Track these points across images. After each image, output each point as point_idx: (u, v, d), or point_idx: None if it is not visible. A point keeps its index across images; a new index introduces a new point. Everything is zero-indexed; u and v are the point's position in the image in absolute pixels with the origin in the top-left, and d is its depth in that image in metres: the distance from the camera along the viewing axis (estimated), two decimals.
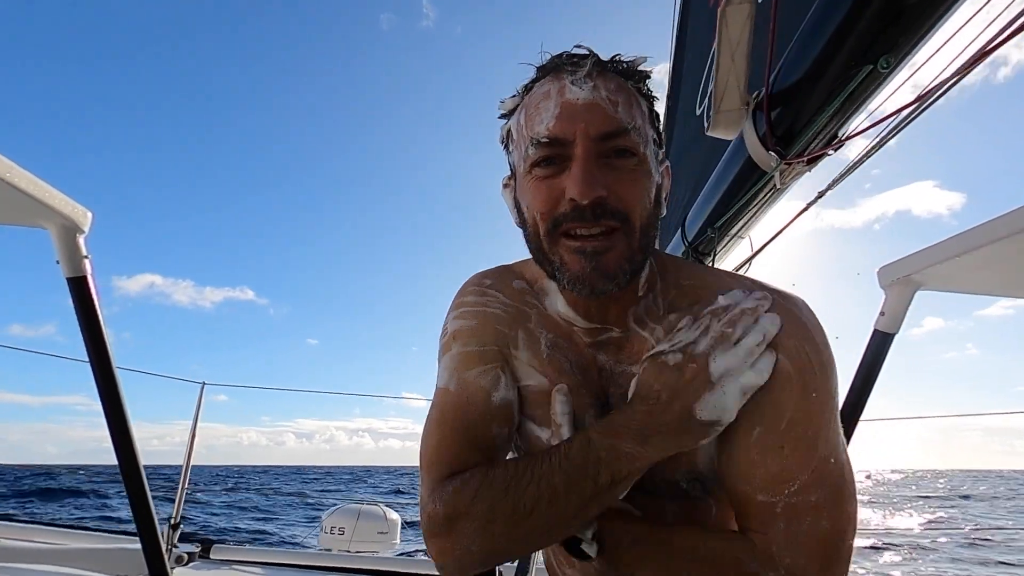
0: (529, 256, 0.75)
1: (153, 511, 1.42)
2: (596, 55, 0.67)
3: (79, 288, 1.28)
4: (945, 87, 0.72)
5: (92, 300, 1.29)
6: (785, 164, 1.16)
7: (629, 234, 0.65)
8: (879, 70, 0.87)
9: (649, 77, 0.70)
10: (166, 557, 1.49)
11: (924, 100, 0.77)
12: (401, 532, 4.30)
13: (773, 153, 1.16)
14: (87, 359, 1.33)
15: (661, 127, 0.73)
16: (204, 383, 3.04)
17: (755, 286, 0.72)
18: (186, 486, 2.87)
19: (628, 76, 0.68)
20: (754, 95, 1.15)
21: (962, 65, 0.69)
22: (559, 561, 0.88)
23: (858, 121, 1.00)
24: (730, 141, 1.33)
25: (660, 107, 0.74)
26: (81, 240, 1.25)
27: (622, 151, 0.65)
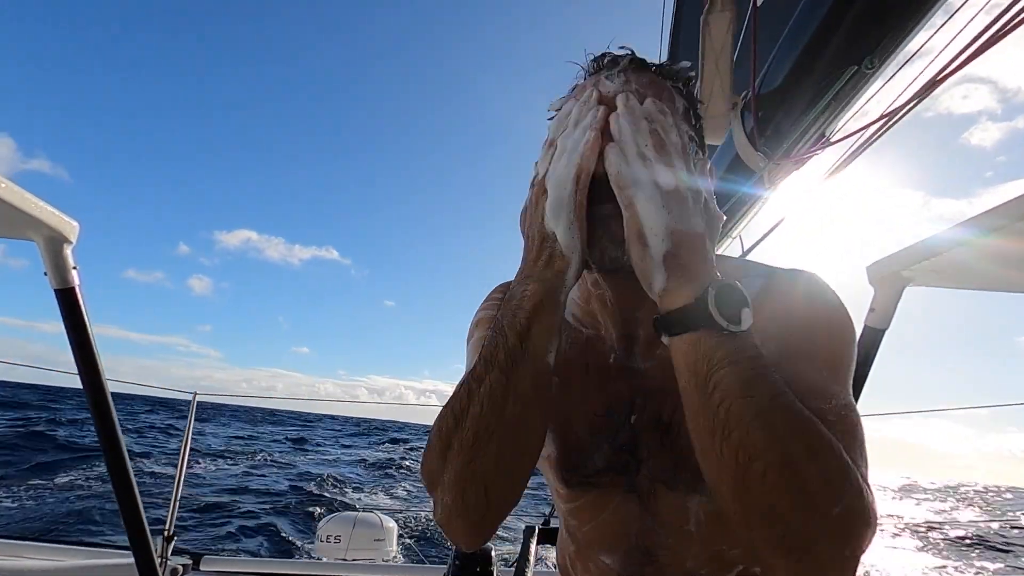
0: None
1: (146, 524, 1.40)
2: (634, 54, 0.69)
3: (67, 300, 1.26)
4: (932, 87, 0.73)
5: (81, 312, 1.28)
6: (773, 164, 1.17)
7: None
8: (864, 70, 0.88)
9: (689, 79, 0.71)
10: (160, 571, 1.47)
11: (911, 103, 0.77)
12: (397, 539, 4.28)
13: (761, 153, 1.17)
14: (76, 372, 1.31)
15: (700, 126, 0.73)
16: (196, 393, 3.02)
17: (770, 269, 0.74)
18: (179, 496, 2.84)
19: (665, 76, 0.69)
20: (742, 96, 1.16)
21: (950, 61, 0.70)
22: (575, 568, 0.87)
23: (845, 119, 1.01)
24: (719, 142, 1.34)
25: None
26: (68, 251, 1.24)
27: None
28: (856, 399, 1.35)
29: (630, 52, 0.70)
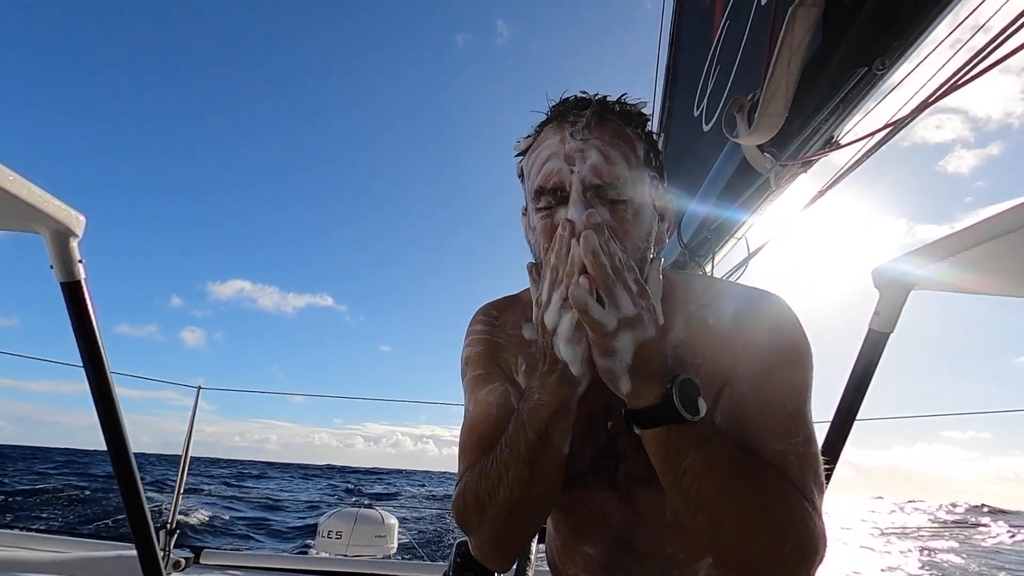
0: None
1: (148, 517, 1.41)
2: (597, 103, 0.73)
3: (73, 293, 1.27)
4: (946, 88, 0.72)
5: (86, 305, 1.28)
6: (780, 166, 1.16)
7: None
8: (874, 72, 0.88)
9: (648, 120, 0.77)
10: (162, 564, 1.48)
11: (924, 107, 0.77)
12: (398, 535, 4.29)
13: (768, 155, 1.16)
14: (81, 364, 1.32)
15: (661, 159, 0.79)
16: (200, 387, 3.02)
17: (741, 289, 0.79)
18: (182, 491, 2.85)
19: (627, 122, 0.74)
20: (749, 96, 1.15)
21: (964, 63, 0.69)
22: (563, 559, 0.91)
23: (854, 122, 1.00)
24: (727, 142, 1.33)
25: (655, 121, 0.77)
26: (75, 244, 1.24)
27: (613, 199, 0.71)
28: (860, 402, 1.36)
29: (592, 100, 0.74)
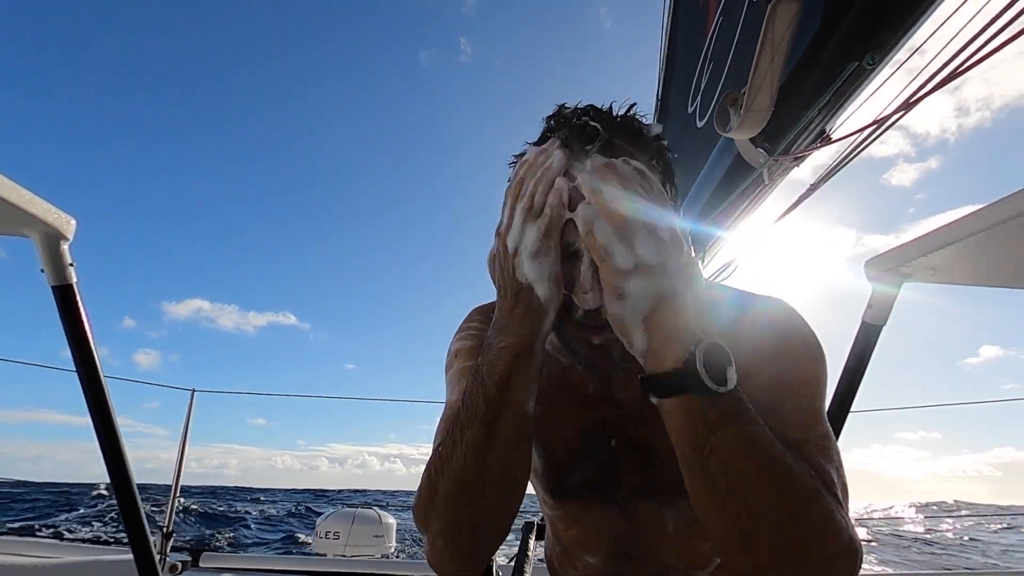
0: None
1: (144, 521, 1.40)
2: (604, 130, 0.64)
3: (65, 296, 1.26)
4: (937, 81, 0.73)
5: (78, 308, 1.27)
6: (773, 160, 1.17)
7: None
8: (865, 67, 0.88)
9: (662, 142, 0.70)
10: (159, 568, 1.47)
11: (910, 103, 0.77)
12: (396, 535, 4.29)
13: (761, 150, 1.17)
14: (74, 369, 1.31)
15: (674, 182, 0.72)
16: (194, 390, 3.01)
17: (740, 294, 0.76)
18: (177, 494, 2.84)
19: (641, 147, 0.67)
20: (742, 91, 1.16)
21: (951, 58, 0.69)
22: (562, 565, 0.90)
23: (843, 118, 1.01)
24: (720, 137, 1.34)
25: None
26: (66, 248, 1.23)
27: None
28: (853, 396, 1.36)
29: (599, 124, 0.64)
